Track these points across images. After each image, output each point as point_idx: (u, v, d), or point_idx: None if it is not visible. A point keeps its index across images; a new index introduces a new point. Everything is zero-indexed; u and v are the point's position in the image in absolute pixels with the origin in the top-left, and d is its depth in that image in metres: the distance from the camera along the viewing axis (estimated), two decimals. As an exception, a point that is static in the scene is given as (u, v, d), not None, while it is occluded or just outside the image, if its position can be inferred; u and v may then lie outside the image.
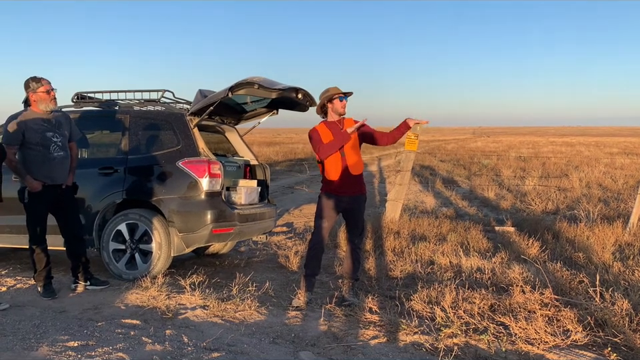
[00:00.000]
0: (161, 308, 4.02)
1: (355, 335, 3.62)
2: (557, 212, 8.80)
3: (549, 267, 4.89)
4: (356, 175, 4.30)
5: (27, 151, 4.30)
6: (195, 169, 4.94)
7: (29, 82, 4.33)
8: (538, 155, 24.24)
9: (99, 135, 5.76)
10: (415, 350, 3.39)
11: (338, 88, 4.32)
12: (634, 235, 6.41)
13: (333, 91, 4.29)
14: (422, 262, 5.46)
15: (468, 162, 19.99)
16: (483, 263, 5.28)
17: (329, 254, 6.05)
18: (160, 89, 5.47)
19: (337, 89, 4.31)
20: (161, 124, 5.25)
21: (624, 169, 15.99)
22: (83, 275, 4.65)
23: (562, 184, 12.00)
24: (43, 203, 4.36)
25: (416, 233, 6.78)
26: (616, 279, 4.64)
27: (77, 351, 3.16)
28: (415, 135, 7.59)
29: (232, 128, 6.19)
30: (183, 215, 4.91)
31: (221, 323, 3.78)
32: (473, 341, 3.46)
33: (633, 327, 3.58)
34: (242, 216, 5.20)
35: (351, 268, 4.42)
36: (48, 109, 4.37)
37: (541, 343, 3.40)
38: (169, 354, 3.15)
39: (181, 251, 5.00)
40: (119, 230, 5.00)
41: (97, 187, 5.09)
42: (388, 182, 13.35)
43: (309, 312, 4.10)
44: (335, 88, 4.32)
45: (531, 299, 4.04)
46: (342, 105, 4.30)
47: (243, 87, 4.78)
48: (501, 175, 14.56)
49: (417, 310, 4.03)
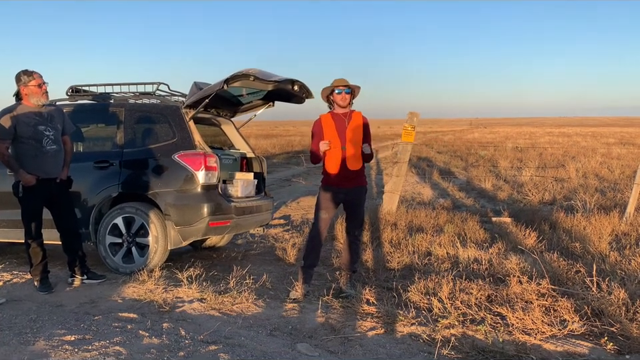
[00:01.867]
0: (158, 301, 4.01)
1: (353, 327, 3.63)
2: (554, 202, 8.82)
3: (546, 257, 4.90)
4: (355, 170, 4.30)
5: (19, 144, 4.27)
6: (191, 162, 4.92)
7: (20, 75, 4.30)
8: (535, 145, 24.26)
9: (93, 129, 5.72)
10: (412, 341, 3.39)
11: (344, 80, 4.28)
12: (630, 224, 6.42)
13: (335, 83, 4.28)
14: (419, 253, 5.47)
15: (465, 153, 20.00)
16: (480, 254, 5.29)
17: (326, 246, 6.05)
18: (155, 82, 5.44)
19: (341, 80, 4.28)
20: (156, 117, 5.22)
21: (620, 159, 16.02)
22: (79, 269, 4.64)
23: (559, 174, 12.01)
24: (38, 197, 4.34)
25: (413, 225, 6.78)
26: (612, 268, 4.65)
27: (73, 345, 3.15)
28: (412, 127, 7.57)
29: (228, 120, 6.16)
30: (179, 208, 4.90)
31: (218, 316, 3.77)
32: (470, 332, 3.46)
33: (630, 316, 3.59)
34: (239, 209, 5.19)
35: (348, 260, 4.42)
36: (39, 102, 4.33)
37: (538, 333, 3.41)
38: (166, 347, 3.15)
39: (177, 244, 4.99)
40: (115, 223, 4.98)
41: (92, 180, 5.07)
42: (385, 174, 13.34)
43: (307, 304, 4.10)
44: (338, 80, 4.29)
45: (528, 289, 4.05)
46: (340, 98, 4.27)
47: (238, 79, 4.75)
48: (498, 165, 14.57)
49: (414, 301, 4.03)
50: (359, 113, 4.37)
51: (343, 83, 4.27)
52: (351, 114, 4.33)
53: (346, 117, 4.31)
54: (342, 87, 4.26)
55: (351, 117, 4.32)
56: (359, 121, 4.32)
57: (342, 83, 4.27)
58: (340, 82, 4.27)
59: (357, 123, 4.31)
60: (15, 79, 4.33)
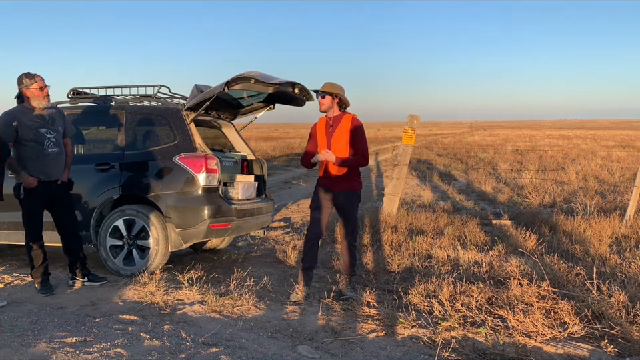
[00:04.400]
0: (158, 303, 4.01)
1: (353, 329, 3.63)
2: (554, 205, 8.82)
3: (546, 259, 4.90)
4: (338, 174, 4.27)
5: (21, 147, 4.28)
6: (191, 165, 4.93)
7: (22, 78, 4.31)
8: (535, 148, 24.27)
9: (94, 131, 5.73)
10: (412, 343, 3.39)
11: (328, 84, 4.25)
12: (630, 227, 6.43)
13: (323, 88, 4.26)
14: (419, 256, 5.47)
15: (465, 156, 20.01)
16: (481, 257, 5.29)
17: (327, 248, 6.06)
18: (156, 84, 5.46)
19: (324, 85, 4.26)
20: (157, 119, 5.23)
21: (620, 162, 16.02)
22: (80, 271, 4.64)
23: (559, 177, 12.02)
24: (39, 199, 4.35)
25: (413, 227, 6.78)
26: (613, 271, 4.66)
27: (74, 347, 3.15)
28: (412, 129, 7.59)
29: (229, 123, 6.17)
30: (180, 211, 4.90)
31: (219, 318, 3.78)
32: (470, 334, 3.47)
33: (630, 318, 3.59)
34: (239, 211, 5.20)
35: (347, 263, 4.41)
36: (41, 105, 4.35)
37: (538, 336, 3.41)
38: (167, 349, 3.15)
39: (178, 246, 4.99)
40: (116, 226, 4.99)
41: (93, 183, 5.08)
42: (385, 176, 13.35)
43: (307, 306, 4.10)
44: (324, 84, 4.28)
45: (528, 291, 4.05)
46: (319, 102, 4.29)
47: (239, 81, 4.76)
48: (498, 168, 14.57)
49: (414, 303, 4.03)
50: (349, 116, 4.30)
51: (322, 88, 4.25)
52: (340, 117, 4.29)
53: (333, 121, 4.30)
54: (319, 92, 4.26)
55: (340, 120, 4.28)
56: (347, 126, 4.24)
57: (322, 88, 4.26)
58: (322, 87, 4.27)
59: (344, 128, 4.24)
60: (17, 82, 4.34)
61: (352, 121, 4.28)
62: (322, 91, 4.24)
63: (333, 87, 4.25)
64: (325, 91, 4.24)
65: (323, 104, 4.27)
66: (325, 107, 4.28)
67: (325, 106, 4.27)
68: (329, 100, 4.25)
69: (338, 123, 4.27)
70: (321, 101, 4.26)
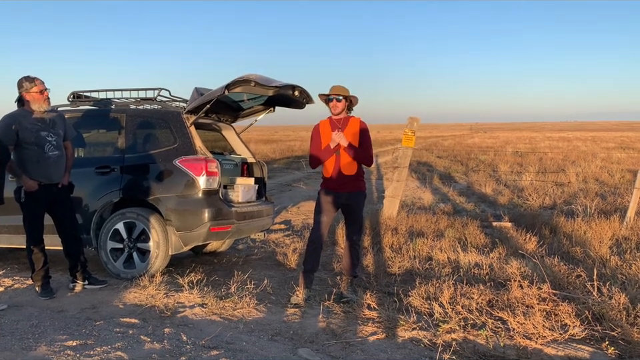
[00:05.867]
0: (159, 306, 4.01)
1: (354, 332, 3.63)
2: (554, 207, 8.82)
3: (547, 261, 4.90)
4: (350, 175, 4.31)
5: (21, 150, 4.28)
6: (192, 167, 4.93)
7: (22, 81, 4.31)
8: (535, 150, 24.26)
9: (95, 134, 5.74)
10: (413, 346, 3.39)
11: (339, 88, 4.29)
12: (631, 228, 6.43)
13: (331, 91, 4.29)
14: (420, 258, 5.47)
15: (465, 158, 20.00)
16: (481, 259, 5.29)
17: (327, 251, 6.05)
18: (156, 87, 5.47)
19: (335, 88, 4.29)
20: (157, 122, 5.24)
21: (620, 164, 16.02)
22: (80, 274, 4.64)
23: (559, 179, 12.02)
24: (40, 202, 4.35)
25: (414, 229, 6.78)
26: (613, 272, 4.66)
27: (75, 350, 3.15)
28: (412, 132, 7.59)
29: (229, 126, 6.18)
30: (180, 214, 4.91)
31: (220, 321, 3.78)
32: (471, 336, 3.47)
33: (631, 320, 3.59)
34: (239, 214, 5.20)
35: (349, 265, 4.43)
36: (41, 109, 4.35)
37: (539, 338, 3.41)
38: (168, 352, 3.15)
39: (178, 249, 4.99)
40: (116, 229, 4.99)
41: (93, 186, 5.08)
42: (385, 178, 13.36)
43: (308, 309, 4.10)
44: (334, 87, 4.30)
45: (528, 293, 4.05)
46: (332, 106, 4.32)
47: (239, 84, 4.77)
48: (498, 170, 14.58)
49: (415, 306, 4.03)
50: (356, 119, 4.38)
51: (336, 92, 4.27)
52: (347, 120, 4.34)
53: (342, 123, 4.32)
54: (333, 95, 4.28)
55: (348, 123, 4.33)
56: (356, 127, 4.32)
57: (335, 92, 4.28)
58: (335, 90, 4.28)
59: (354, 130, 4.31)
60: (17, 85, 4.34)
61: (360, 124, 4.35)
62: (339, 95, 4.27)
63: (346, 90, 4.30)
64: (342, 94, 4.27)
65: (339, 107, 4.30)
66: (339, 110, 4.31)
67: (340, 109, 4.31)
68: (344, 103, 4.31)
69: (346, 125, 4.32)
70: (337, 105, 4.29)
